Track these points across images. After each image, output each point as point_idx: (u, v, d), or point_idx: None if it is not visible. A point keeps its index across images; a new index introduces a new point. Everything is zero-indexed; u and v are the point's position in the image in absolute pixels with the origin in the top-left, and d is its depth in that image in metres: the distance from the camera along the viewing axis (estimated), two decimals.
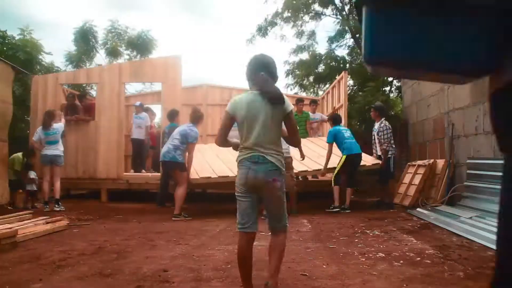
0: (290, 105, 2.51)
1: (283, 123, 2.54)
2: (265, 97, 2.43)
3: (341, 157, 6.64)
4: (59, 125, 7.11)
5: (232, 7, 53.29)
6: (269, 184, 2.41)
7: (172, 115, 7.43)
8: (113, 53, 15.07)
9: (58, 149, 7.02)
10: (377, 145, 7.10)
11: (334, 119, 7.15)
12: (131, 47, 15.13)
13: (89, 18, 15.73)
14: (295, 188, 6.46)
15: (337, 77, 9.79)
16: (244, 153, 2.46)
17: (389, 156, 6.91)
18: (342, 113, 8.61)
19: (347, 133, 6.80)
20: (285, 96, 2.51)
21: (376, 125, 7.17)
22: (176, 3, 50.56)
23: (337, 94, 9.32)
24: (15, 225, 4.73)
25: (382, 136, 6.90)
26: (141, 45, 14.97)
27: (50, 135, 6.97)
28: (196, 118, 6.40)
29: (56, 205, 6.77)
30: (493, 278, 0.97)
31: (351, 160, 6.58)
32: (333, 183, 6.64)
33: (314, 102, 10.08)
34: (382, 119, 7.11)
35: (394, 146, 7.06)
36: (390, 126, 7.06)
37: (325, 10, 14.79)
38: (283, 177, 2.49)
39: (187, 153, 6.31)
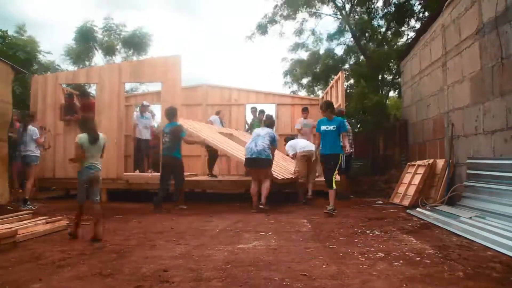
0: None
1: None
2: None
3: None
4: (33, 128, 7.40)
5: (230, 6, 53.23)
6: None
7: (172, 114, 7.02)
8: (109, 51, 15.08)
9: (37, 149, 7.32)
10: None
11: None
12: (127, 45, 15.16)
13: (90, 18, 15.80)
14: None
15: (335, 77, 9.82)
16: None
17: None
18: None
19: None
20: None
21: None
22: (172, 2, 50.49)
23: (335, 94, 9.32)
24: (15, 225, 4.73)
25: None
26: (137, 44, 15.02)
27: (28, 134, 7.29)
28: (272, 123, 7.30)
29: (24, 205, 6.78)
30: None
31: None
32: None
33: (305, 110, 10.17)
34: None
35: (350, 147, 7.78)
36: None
37: (324, 6, 14.80)
38: None
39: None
